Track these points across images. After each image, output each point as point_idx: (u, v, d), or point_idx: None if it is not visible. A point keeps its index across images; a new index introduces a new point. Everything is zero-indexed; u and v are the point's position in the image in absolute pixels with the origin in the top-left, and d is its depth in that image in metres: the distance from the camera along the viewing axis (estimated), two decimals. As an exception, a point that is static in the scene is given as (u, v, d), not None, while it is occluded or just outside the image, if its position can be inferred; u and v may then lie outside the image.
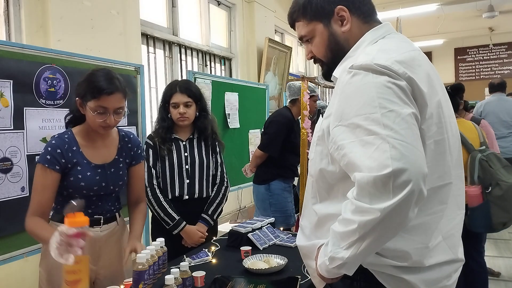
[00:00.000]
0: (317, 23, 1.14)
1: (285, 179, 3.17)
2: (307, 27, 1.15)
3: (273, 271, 1.67)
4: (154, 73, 4.01)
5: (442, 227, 1.04)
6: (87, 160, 1.67)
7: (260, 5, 5.60)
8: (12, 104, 1.89)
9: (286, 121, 3.14)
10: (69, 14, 2.86)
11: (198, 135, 2.29)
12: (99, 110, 1.59)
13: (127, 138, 1.83)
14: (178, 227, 2.13)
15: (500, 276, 3.61)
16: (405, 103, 0.92)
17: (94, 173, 1.67)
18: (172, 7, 4.29)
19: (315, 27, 1.14)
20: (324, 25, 1.13)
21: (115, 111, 1.62)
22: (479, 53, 10.98)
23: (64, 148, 1.62)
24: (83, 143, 1.68)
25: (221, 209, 2.32)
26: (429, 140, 0.99)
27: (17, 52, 1.93)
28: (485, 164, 2.46)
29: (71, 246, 1.25)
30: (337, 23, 1.12)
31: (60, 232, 1.26)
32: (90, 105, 1.59)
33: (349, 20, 1.11)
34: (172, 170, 2.19)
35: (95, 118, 1.60)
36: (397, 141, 0.86)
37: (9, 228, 1.89)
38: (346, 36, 1.11)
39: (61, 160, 1.60)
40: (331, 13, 1.12)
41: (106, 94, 1.58)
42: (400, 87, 0.93)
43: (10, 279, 2.52)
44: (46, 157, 1.59)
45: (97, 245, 1.70)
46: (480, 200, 2.45)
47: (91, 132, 1.69)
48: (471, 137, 2.59)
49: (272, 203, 3.13)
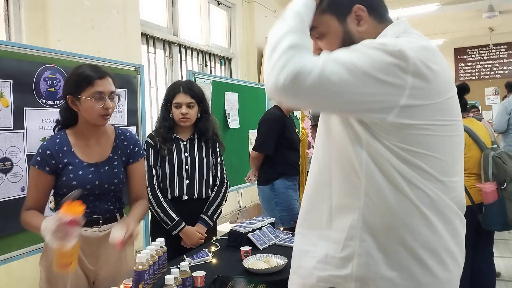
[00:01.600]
0: (331, 16, 1.08)
1: (289, 177, 3.16)
2: (318, 18, 1.08)
3: (273, 271, 1.67)
4: (154, 73, 4.01)
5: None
6: (79, 159, 1.67)
7: (260, 5, 5.60)
8: (12, 104, 1.89)
9: (277, 118, 3.13)
10: (69, 14, 2.86)
11: (198, 136, 2.29)
12: (96, 95, 1.62)
13: (123, 136, 1.82)
14: (177, 227, 2.13)
15: (500, 276, 3.61)
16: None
17: (87, 172, 1.67)
18: (172, 7, 4.30)
19: (329, 22, 1.08)
20: (338, 22, 1.08)
21: (109, 96, 1.66)
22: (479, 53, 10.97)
23: (54, 149, 1.64)
24: (75, 143, 1.69)
25: (221, 210, 2.32)
26: (454, 133, 1.02)
27: (17, 52, 1.93)
28: (498, 161, 2.50)
29: (66, 232, 1.34)
30: (353, 21, 1.07)
31: (57, 219, 1.35)
32: (85, 95, 1.62)
33: (367, 20, 1.07)
34: (172, 170, 2.19)
35: (93, 106, 1.62)
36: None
37: (9, 228, 1.89)
38: (362, 36, 1.06)
39: (51, 162, 1.63)
40: (349, 10, 1.07)
41: (98, 78, 1.63)
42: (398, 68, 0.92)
43: (10, 279, 2.52)
44: (37, 159, 1.63)
45: (95, 245, 1.70)
46: (495, 197, 2.48)
47: (85, 130, 1.70)
48: (483, 136, 2.64)
49: (278, 202, 3.12)
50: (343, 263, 1.03)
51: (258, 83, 4.75)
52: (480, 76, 10.97)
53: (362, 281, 1.01)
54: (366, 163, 1.00)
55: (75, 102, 1.64)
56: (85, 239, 1.64)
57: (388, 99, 0.93)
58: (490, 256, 2.78)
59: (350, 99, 0.93)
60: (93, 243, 1.69)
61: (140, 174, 1.86)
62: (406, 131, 0.96)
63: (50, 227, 1.35)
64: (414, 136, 0.96)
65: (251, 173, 3.33)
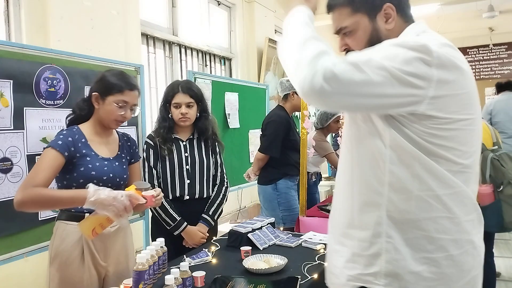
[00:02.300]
0: (363, 15, 1.12)
1: (291, 177, 3.17)
2: (350, 18, 1.13)
3: (273, 271, 1.67)
4: (154, 73, 4.01)
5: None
6: (95, 152, 1.75)
7: (260, 5, 5.60)
8: (12, 104, 1.89)
9: (283, 120, 3.13)
10: (69, 14, 2.86)
11: (198, 135, 2.29)
12: (121, 103, 1.74)
13: (126, 137, 1.95)
14: (179, 228, 2.13)
15: (500, 276, 3.61)
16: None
17: (102, 165, 1.75)
18: (172, 7, 4.29)
19: (360, 20, 1.13)
20: (369, 19, 1.12)
21: (131, 107, 1.78)
22: (479, 53, 10.97)
23: (74, 138, 1.71)
24: (89, 138, 1.76)
25: (222, 209, 2.32)
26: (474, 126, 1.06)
27: (17, 52, 1.93)
28: (496, 163, 2.48)
29: (127, 209, 1.52)
30: (382, 19, 1.12)
31: (129, 195, 1.54)
32: (112, 99, 1.73)
33: (395, 18, 1.12)
34: (172, 171, 2.19)
35: (115, 111, 1.74)
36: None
37: (9, 228, 1.89)
38: (389, 33, 1.12)
39: (71, 148, 1.68)
40: (379, 8, 1.12)
41: (129, 89, 1.76)
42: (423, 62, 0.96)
43: (10, 279, 2.52)
44: (57, 142, 1.66)
45: (106, 241, 1.75)
46: (491, 199, 2.47)
47: (98, 127, 1.79)
48: (484, 137, 2.62)
49: (281, 202, 3.13)
50: (371, 260, 1.06)
51: (258, 83, 4.75)
52: (480, 76, 10.96)
53: (392, 277, 1.03)
54: (389, 158, 1.03)
55: (99, 101, 1.76)
56: (98, 235, 1.68)
57: (417, 92, 0.96)
58: (490, 256, 2.78)
59: (382, 97, 0.97)
60: (105, 238, 1.74)
61: (138, 174, 1.98)
62: (432, 123, 1.00)
63: (120, 198, 1.50)
64: (439, 129, 1.00)
65: (251, 172, 3.32)
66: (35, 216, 1.99)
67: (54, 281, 1.69)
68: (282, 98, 3.29)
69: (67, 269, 1.67)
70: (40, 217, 2.02)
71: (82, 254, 1.69)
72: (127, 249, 1.86)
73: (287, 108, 3.24)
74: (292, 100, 3.20)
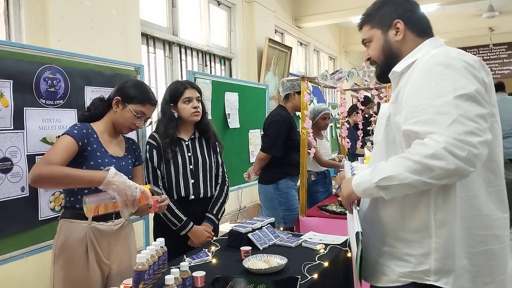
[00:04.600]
0: (377, 30, 1.38)
1: (292, 177, 3.17)
2: (369, 32, 1.40)
3: (273, 271, 1.67)
4: (154, 73, 4.01)
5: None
6: (105, 149, 1.81)
7: (260, 5, 5.60)
8: (12, 104, 1.89)
9: (286, 120, 3.14)
10: (69, 14, 2.86)
11: (199, 135, 2.29)
12: (139, 114, 1.84)
13: (131, 140, 2.03)
14: (186, 228, 2.14)
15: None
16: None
17: (111, 162, 1.79)
18: (172, 7, 4.30)
19: (375, 33, 1.39)
20: (382, 32, 1.37)
21: (146, 119, 1.90)
22: (479, 53, 10.97)
23: (88, 131, 1.78)
24: (100, 135, 1.83)
25: (224, 208, 2.33)
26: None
27: (17, 52, 1.93)
28: None
29: (135, 203, 1.59)
30: (392, 33, 1.36)
31: (142, 191, 1.63)
32: (133, 107, 1.83)
33: (403, 32, 1.34)
34: (177, 171, 2.19)
35: (131, 119, 1.83)
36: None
37: (9, 228, 1.89)
38: (399, 44, 1.35)
39: (84, 140, 1.74)
40: (390, 24, 1.36)
41: (151, 104, 1.88)
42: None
43: (10, 279, 2.52)
44: (73, 131, 1.72)
45: (110, 239, 1.77)
46: None
47: (109, 128, 1.87)
48: None
49: (282, 202, 3.13)
50: (421, 259, 1.19)
51: (258, 83, 4.75)
52: (480, 76, 10.94)
53: (441, 274, 1.17)
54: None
55: (119, 105, 1.84)
56: (102, 233, 1.74)
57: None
58: None
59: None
60: (108, 236, 1.76)
61: (141, 178, 2.02)
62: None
63: (134, 188, 1.60)
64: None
65: (251, 171, 3.32)
66: (35, 216, 1.99)
67: (58, 279, 1.70)
68: (283, 98, 3.29)
69: (71, 267, 1.69)
70: (40, 217, 2.02)
71: (86, 252, 1.71)
72: (130, 248, 1.88)
73: (288, 108, 3.24)
74: (293, 100, 3.20)
